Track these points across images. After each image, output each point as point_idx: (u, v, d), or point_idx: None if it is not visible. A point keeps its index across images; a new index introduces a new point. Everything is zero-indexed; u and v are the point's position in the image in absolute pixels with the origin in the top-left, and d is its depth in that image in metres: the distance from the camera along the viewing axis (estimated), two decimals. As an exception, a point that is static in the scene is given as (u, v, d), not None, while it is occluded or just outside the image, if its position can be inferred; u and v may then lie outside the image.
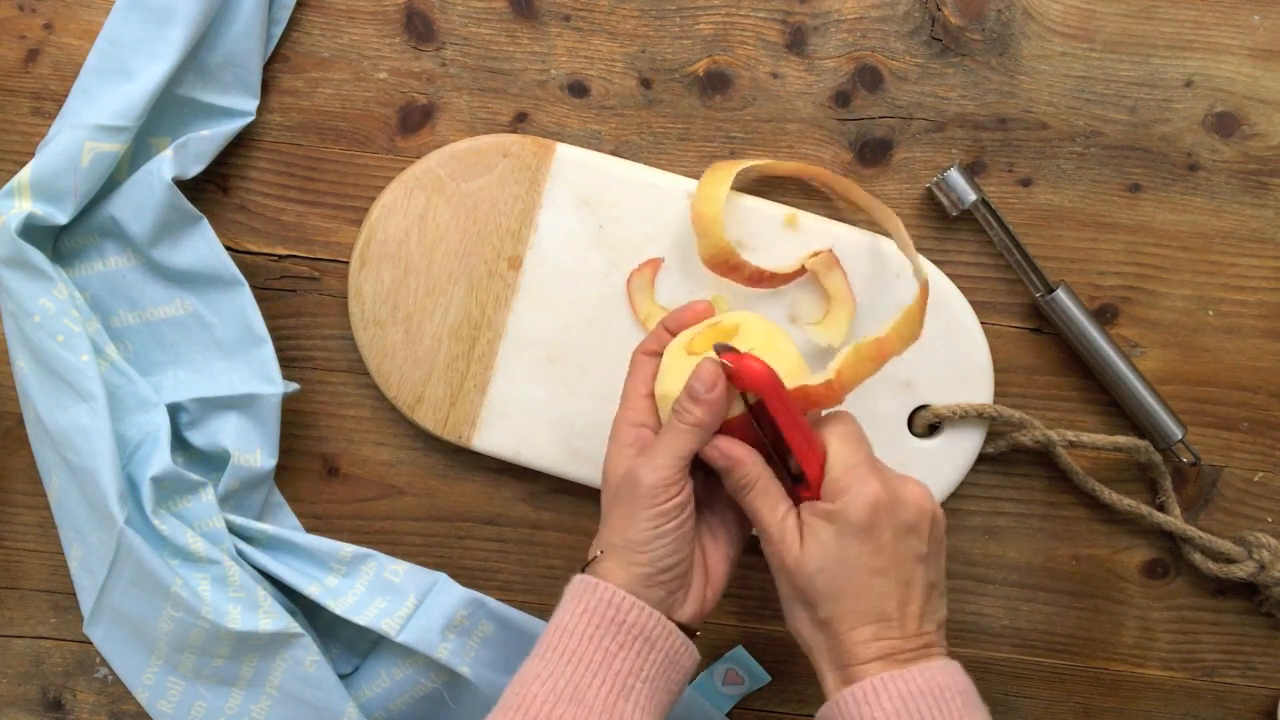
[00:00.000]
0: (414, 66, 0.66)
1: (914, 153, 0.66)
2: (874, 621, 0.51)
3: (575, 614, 0.52)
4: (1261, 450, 0.67)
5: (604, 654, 0.50)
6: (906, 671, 0.49)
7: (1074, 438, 0.64)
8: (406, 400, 0.65)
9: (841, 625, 0.51)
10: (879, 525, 0.51)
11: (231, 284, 0.64)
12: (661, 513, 0.52)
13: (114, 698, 0.69)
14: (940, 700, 0.49)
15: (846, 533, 0.51)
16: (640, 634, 0.51)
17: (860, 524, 0.50)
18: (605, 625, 0.51)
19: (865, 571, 0.51)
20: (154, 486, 0.61)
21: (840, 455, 0.52)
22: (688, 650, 0.53)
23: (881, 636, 0.50)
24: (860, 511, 0.50)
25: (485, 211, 0.64)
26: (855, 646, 0.51)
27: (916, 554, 0.52)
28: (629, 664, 0.51)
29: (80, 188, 0.61)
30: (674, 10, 0.65)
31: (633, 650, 0.51)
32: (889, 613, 0.51)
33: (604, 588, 0.51)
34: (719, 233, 0.61)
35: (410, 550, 0.68)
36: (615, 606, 0.51)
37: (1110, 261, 0.66)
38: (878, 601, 0.51)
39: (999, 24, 0.65)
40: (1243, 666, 0.69)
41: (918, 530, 0.52)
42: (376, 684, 0.66)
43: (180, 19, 0.61)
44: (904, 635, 0.51)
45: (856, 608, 0.51)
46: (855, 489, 0.51)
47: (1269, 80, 0.65)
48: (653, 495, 0.52)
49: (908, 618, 0.51)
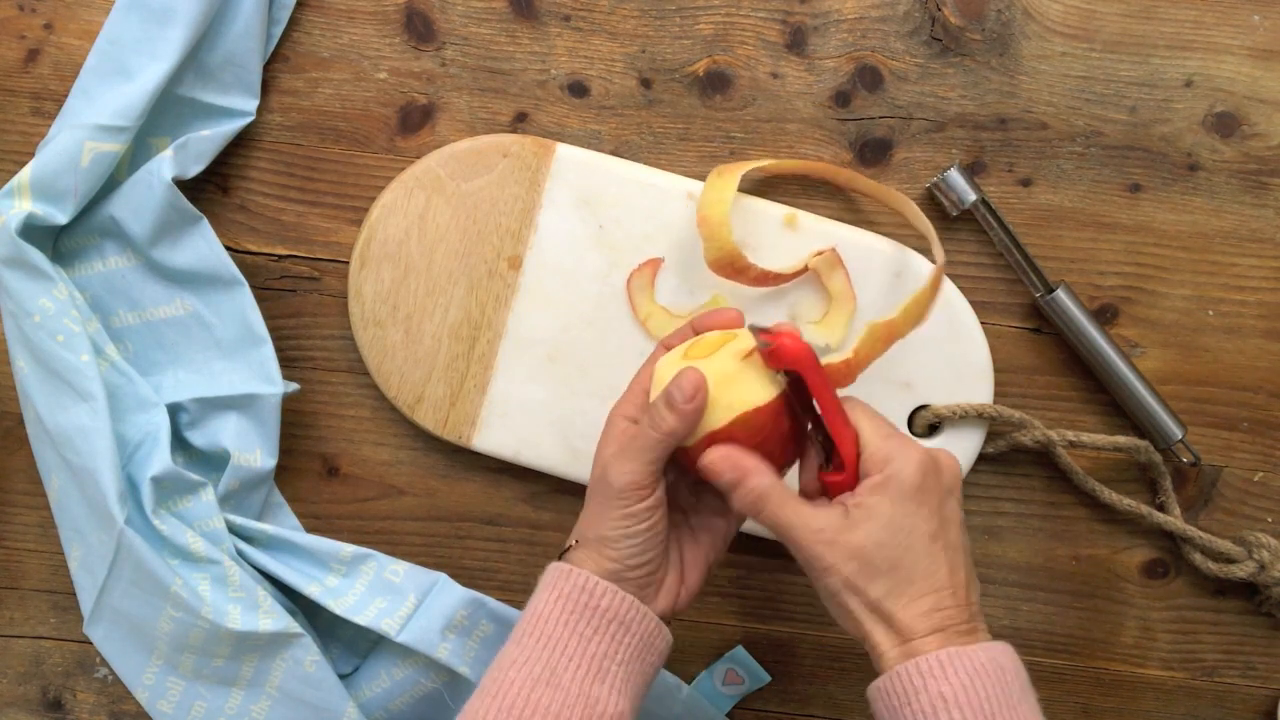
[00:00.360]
0: (414, 66, 0.66)
1: (914, 153, 0.66)
2: (930, 592, 0.50)
3: (550, 600, 0.52)
4: (1261, 450, 0.67)
5: (579, 638, 0.51)
6: (970, 649, 0.49)
7: (1074, 438, 0.64)
8: (406, 400, 0.65)
9: (899, 601, 0.50)
10: (928, 487, 0.51)
11: (231, 284, 0.64)
12: (630, 514, 0.52)
13: (114, 698, 0.69)
14: (1001, 680, 0.49)
15: (902, 497, 0.50)
16: (614, 618, 0.52)
17: (914, 486, 0.50)
18: (580, 610, 0.52)
19: (922, 536, 0.50)
20: (154, 486, 0.61)
21: (874, 429, 0.52)
22: (661, 633, 0.53)
23: (938, 607, 0.50)
24: (912, 474, 0.50)
25: (485, 211, 0.64)
26: (914, 620, 0.50)
27: (958, 518, 0.52)
28: (603, 647, 0.51)
29: (80, 188, 0.61)
30: (674, 10, 0.65)
31: (607, 634, 0.51)
32: (942, 581, 0.50)
33: (578, 574, 0.52)
34: (726, 236, 0.61)
35: (410, 550, 0.68)
36: (589, 592, 0.52)
37: (1110, 261, 0.66)
38: (934, 570, 0.50)
39: (999, 24, 0.65)
40: (1243, 666, 0.69)
41: (956, 495, 0.52)
42: (376, 684, 0.66)
43: (180, 19, 0.61)
44: (957, 604, 0.50)
45: (913, 577, 0.50)
46: (900, 454, 0.51)
47: (1269, 80, 0.65)
48: (622, 497, 0.52)
49: (958, 585, 0.51)
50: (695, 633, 0.68)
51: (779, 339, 0.51)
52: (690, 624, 0.68)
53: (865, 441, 0.52)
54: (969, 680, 0.48)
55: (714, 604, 0.68)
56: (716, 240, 0.61)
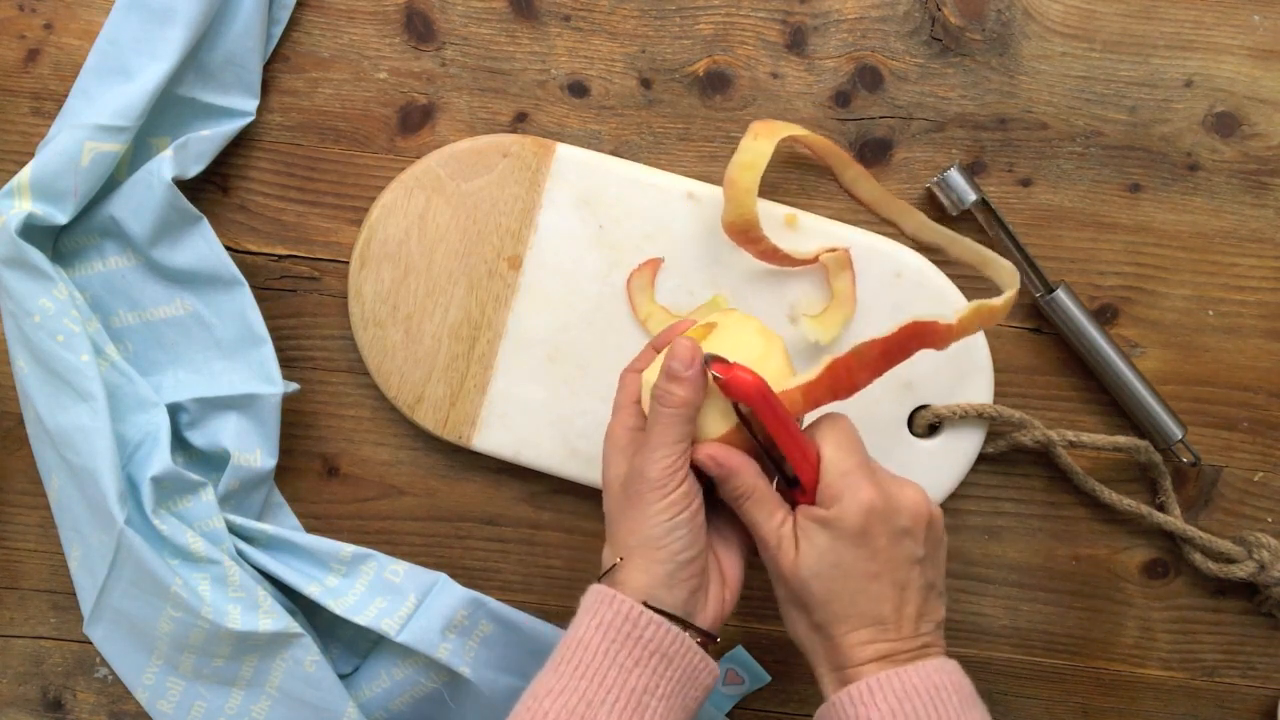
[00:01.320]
0: (414, 66, 0.66)
1: (914, 153, 0.66)
2: (870, 625, 0.51)
3: (591, 627, 0.50)
4: (1261, 450, 0.67)
5: (619, 669, 0.49)
6: (903, 670, 0.49)
7: (1074, 438, 0.64)
8: (406, 400, 0.65)
9: (837, 629, 0.51)
10: (873, 531, 0.51)
11: (231, 284, 0.64)
12: (672, 502, 0.51)
13: (114, 698, 0.69)
14: (936, 698, 0.49)
15: (841, 539, 0.50)
16: (657, 650, 0.50)
17: (854, 530, 0.50)
18: (622, 640, 0.50)
19: (860, 576, 0.51)
20: (154, 486, 0.61)
21: (834, 460, 0.52)
22: (706, 667, 0.52)
23: (878, 639, 0.51)
24: (854, 518, 0.50)
25: (485, 211, 0.64)
26: (852, 649, 0.51)
27: (912, 557, 0.51)
28: (644, 680, 0.49)
29: (80, 188, 0.61)
30: (674, 10, 0.65)
31: (649, 666, 0.50)
32: (885, 616, 0.51)
33: (620, 600, 0.50)
34: (749, 203, 0.60)
35: (410, 550, 0.68)
36: (632, 621, 0.50)
37: (1110, 261, 0.66)
38: (873, 605, 0.51)
39: (999, 24, 0.65)
40: (1243, 666, 0.69)
41: (913, 534, 0.52)
42: (376, 684, 0.66)
43: (180, 19, 0.61)
44: (900, 637, 0.51)
45: (852, 612, 0.51)
46: (849, 495, 0.51)
47: (1269, 80, 0.65)
48: (661, 485, 0.51)
49: (904, 620, 0.51)
50: (695, 633, 0.69)
51: (730, 372, 0.51)
52: (690, 624, 0.68)
53: (824, 471, 0.52)
54: (897, 703, 0.48)
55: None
56: (738, 204, 0.61)
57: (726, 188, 0.61)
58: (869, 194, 0.65)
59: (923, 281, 0.64)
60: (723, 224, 0.61)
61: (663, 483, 0.51)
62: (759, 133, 0.61)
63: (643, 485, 0.52)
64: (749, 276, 0.64)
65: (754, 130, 0.61)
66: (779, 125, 0.61)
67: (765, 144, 0.61)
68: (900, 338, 0.55)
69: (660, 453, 0.51)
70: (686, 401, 0.51)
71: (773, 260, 0.62)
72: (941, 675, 0.50)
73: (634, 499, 0.52)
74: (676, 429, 0.51)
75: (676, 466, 0.51)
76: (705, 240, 0.64)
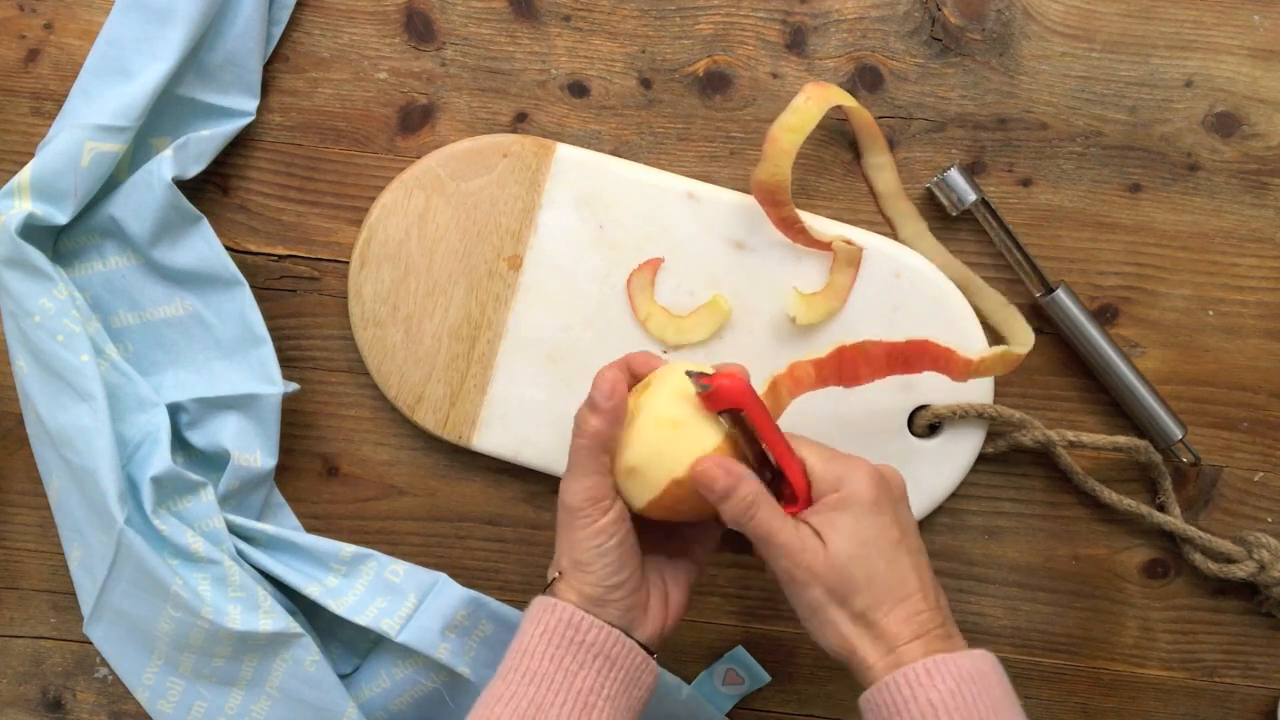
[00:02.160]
0: (414, 66, 0.66)
1: (914, 153, 0.66)
2: (905, 598, 0.51)
3: (535, 635, 0.52)
4: (1261, 450, 0.67)
5: (565, 673, 0.51)
6: (957, 656, 0.50)
7: (1074, 438, 0.64)
8: (406, 400, 0.65)
9: (879, 610, 0.51)
10: (882, 499, 0.52)
11: (231, 284, 0.64)
12: (599, 529, 0.52)
13: (114, 698, 0.69)
14: (987, 686, 0.50)
15: (862, 513, 0.52)
16: (600, 652, 0.52)
17: (870, 500, 0.52)
18: (565, 644, 0.52)
19: (890, 546, 0.52)
20: (154, 486, 0.61)
21: (818, 455, 0.53)
22: (648, 667, 0.54)
23: (915, 613, 0.51)
24: (866, 490, 0.52)
25: (485, 211, 0.64)
26: (896, 627, 0.51)
27: (913, 523, 0.54)
28: (589, 682, 0.51)
29: (80, 188, 0.61)
30: (674, 10, 0.65)
31: (593, 669, 0.51)
32: (913, 586, 0.52)
33: (562, 607, 0.52)
34: (785, 165, 0.61)
35: (410, 550, 0.68)
36: (574, 626, 0.52)
37: (1110, 261, 0.66)
38: (904, 578, 0.52)
39: (999, 24, 0.65)
40: (1243, 666, 0.69)
41: (905, 501, 0.54)
42: (376, 684, 0.66)
43: (180, 19, 0.61)
44: (930, 608, 0.52)
45: (890, 585, 0.51)
46: (850, 473, 0.52)
47: (1269, 80, 0.65)
48: (583, 514, 0.52)
49: (927, 589, 0.52)
50: (695, 633, 0.68)
51: (716, 380, 0.51)
52: (690, 624, 0.68)
53: (812, 467, 0.53)
54: (956, 686, 0.49)
55: (714, 604, 0.68)
56: (774, 163, 0.61)
57: (767, 144, 0.61)
58: (884, 185, 0.65)
59: (923, 282, 0.64)
60: (753, 181, 0.61)
61: (586, 511, 0.52)
62: (811, 95, 0.61)
63: (567, 512, 0.53)
64: (749, 277, 0.64)
65: (807, 92, 0.61)
66: (832, 91, 0.61)
67: (815, 109, 0.61)
68: (909, 350, 0.57)
69: (581, 483, 0.52)
70: (600, 432, 0.52)
71: (789, 231, 0.62)
72: (987, 664, 0.51)
73: (564, 523, 0.53)
74: (594, 459, 0.52)
75: (598, 495, 0.52)
76: (705, 240, 0.64)
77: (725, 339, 0.64)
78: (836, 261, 0.63)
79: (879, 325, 0.64)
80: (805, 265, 0.64)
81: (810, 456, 0.53)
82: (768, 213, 0.62)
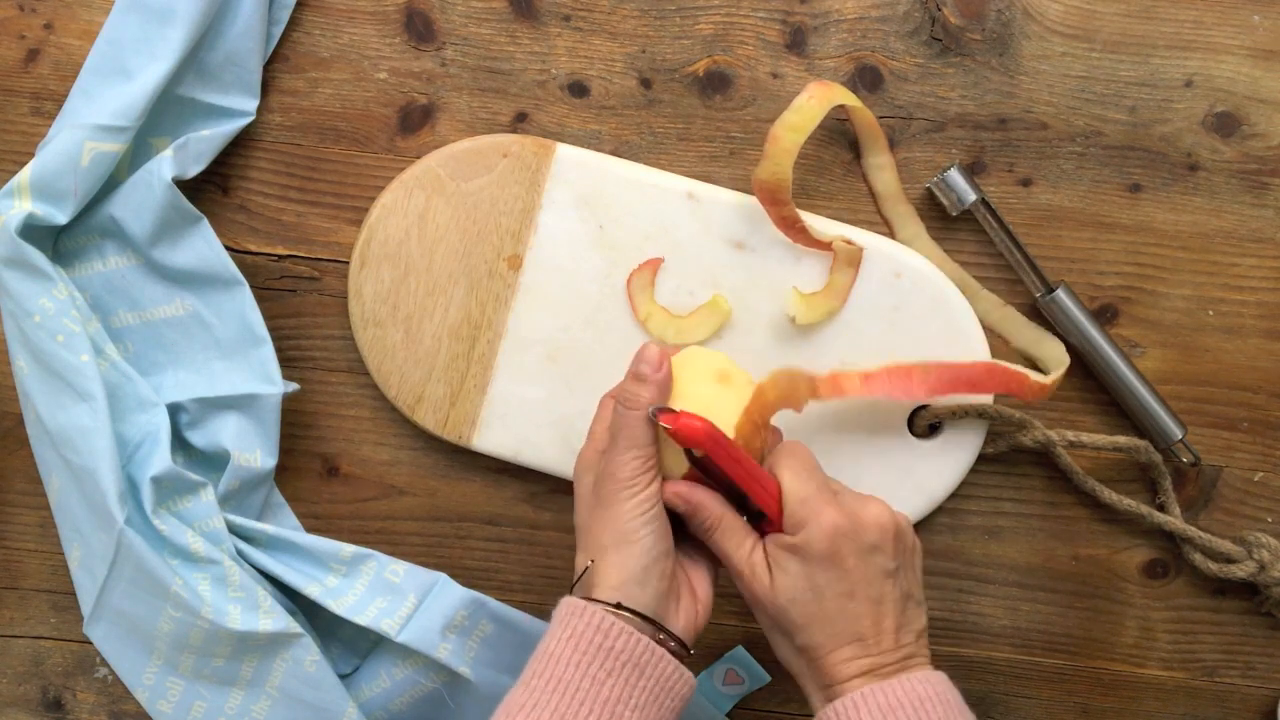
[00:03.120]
0: (414, 66, 0.66)
1: (914, 153, 0.66)
2: (850, 642, 0.52)
3: (562, 640, 0.51)
4: (1261, 450, 0.67)
5: (591, 681, 0.50)
6: (886, 684, 0.50)
7: (1074, 438, 0.64)
8: (406, 400, 0.65)
9: (820, 650, 0.52)
10: (841, 552, 0.52)
11: (231, 284, 0.64)
12: (644, 499, 0.52)
13: (114, 698, 0.69)
14: (921, 709, 0.50)
15: (812, 563, 0.52)
16: (629, 660, 0.50)
17: (823, 554, 0.51)
18: (593, 652, 0.50)
19: (835, 597, 0.52)
20: (154, 486, 0.61)
21: (794, 489, 0.53)
22: (681, 677, 0.52)
23: (860, 655, 0.51)
24: (821, 542, 0.51)
25: (485, 211, 0.64)
26: (835, 667, 0.52)
27: (884, 571, 0.52)
28: (617, 691, 0.50)
29: (80, 188, 0.61)
30: (674, 10, 0.65)
31: (620, 677, 0.50)
32: (864, 632, 0.52)
33: (591, 611, 0.51)
34: (786, 164, 0.61)
35: (410, 550, 0.68)
36: (604, 632, 0.50)
37: (1110, 261, 0.66)
38: (851, 623, 0.52)
39: (999, 24, 0.65)
40: (1243, 666, 0.69)
41: (881, 549, 0.52)
42: (376, 684, 0.66)
43: (180, 19, 0.61)
44: (881, 650, 0.52)
45: (832, 631, 0.52)
46: (813, 521, 0.52)
47: (1269, 80, 0.65)
48: (631, 484, 0.52)
49: (883, 633, 0.52)
50: (695, 633, 0.69)
51: (676, 421, 0.51)
52: (690, 624, 0.68)
53: (786, 500, 0.53)
54: (881, 716, 0.49)
55: (714, 604, 0.68)
56: (775, 162, 0.60)
57: (769, 143, 0.61)
58: (884, 186, 0.65)
59: (923, 282, 0.64)
60: (754, 180, 0.61)
61: (632, 481, 0.52)
62: (814, 93, 0.61)
63: (614, 485, 0.53)
64: (749, 277, 0.64)
65: (810, 90, 0.61)
66: (836, 90, 0.61)
67: (818, 108, 0.61)
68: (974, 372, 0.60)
69: (629, 454, 0.53)
70: (651, 402, 0.53)
71: (789, 231, 0.62)
72: (926, 687, 0.50)
73: (606, 499, 0.53)
74: (643, 430, 0.53)
75: (645, 467, 0.53)
76: (705, 240, 0.64)
77: (725, 339, 0.64)
78: (836, 261, 0.63)
79: (879, 325, 0.64)
80: (805, 265, 0.64)
81: (788, 486, 0.53)
82: (768, 212, 0.62)
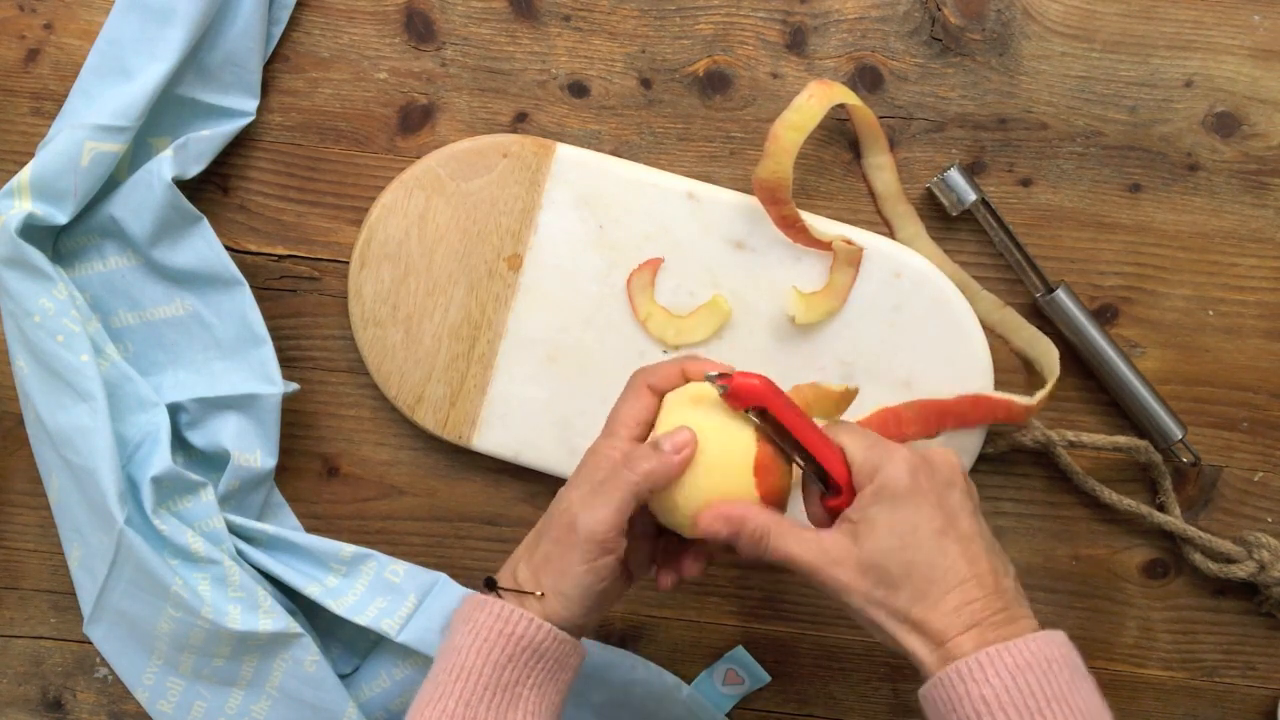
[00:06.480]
0: (414, 66, 0.66)
1: (914, 153, 0.66)
2: (954, 587, 0.49)
3: (464, 633, 0.52)
4: (1261, 450, 0.67)
5: (493, 667, 0.51)
6: (1012, 645, 0.48)
7: (1074, 438, 0.64)
8: (406, 400, 0.65)
9: (924, 604, 0.49)
10: (922, 486, 0.50)
11: (231, 284, 0.64)
12: (595, 568, 0.51)
13: (114, 698, 0.69)
14: (1049, 671, 0.47)
15: (897, 503, 0.50)
16: (529, 645, 0.51)
17: (906, 488, 0.50)
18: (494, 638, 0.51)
19: (929, 534, 0.49)
20: (154, 486, 0.61)
21: (858, 443, 0.52)
22: (575, 650, 0.53)
23: (966, 601, 0.49)
24: (901, 477, 0.50)
25: (485, 211, 0.64)
26: (945, 619, 0.49)
27: (964, 507, 0.51)
28: (516, 674, 0.51)
29: (80, 188, 0.61)
30: (674, 10, 0.65)
31: (519, 660, 0.51)
32: (963, 574, 0.49)
33: (492, 602, 0.52)
34: (786, 163, 0.61)
35: (410, 550, 0.68)
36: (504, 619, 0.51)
37: (1110, 261, 0.66)
38: (950, 564, 0.49)
39: (999, 24, 0.65)
40: (1243, 666, 0.69)
41: (956, 484, 0.51)
42: (376, 684, 0.66)
43: (180, 19, 0.61)
44: (985, 594, 0.49)
45: (933, 576, 0.49)
46: (886, 460, 0.50)
47: (1269, 80, 0.65)
48: (588, 547, 0.51)
49: (982, 574, 0.49)
50: (695, 633, 0.68)
51: (732, 380, 0.51)
52: (690, 624, 0.68)
53: (851, 456, 0.51)
54: (1010, 679, 0.47)
55: (714, 604, 0.68)
56: (775, 161, 0.61)
57: (769, 142, 0.61)
58: (884, 186, 0.65)
59: (923, 282, 0.64)
60: (754, 179, 0.61)
61: (591, 545, 0.51)
62: (815, 93, 0.61)
63: (573, 537, 0.51)
64: (749, 276, 0.64)
65: (810, 89, 0.61)
66: (836, 89, 0.61)
67: (818, 107, 0.61)
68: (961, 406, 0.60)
69: (602, 513, 0.51)
70: (650, 473, 0.51)
71: (789, 231, 0.62)
72: (1051, 647, 0.48)
73: (563, 544, 0.52)
74: (629, 495, 0.51)
75: (611, 534, 0.51)
76: (705, 240, 0.64)
77: (725, 339, 0.64)
78: (836, 261, 0.63)
79: (879, 325, 0.64)
80: (805, 265, 0.64)
81: (850, 444, 0.52)
82: (768, 211, 0.62)
